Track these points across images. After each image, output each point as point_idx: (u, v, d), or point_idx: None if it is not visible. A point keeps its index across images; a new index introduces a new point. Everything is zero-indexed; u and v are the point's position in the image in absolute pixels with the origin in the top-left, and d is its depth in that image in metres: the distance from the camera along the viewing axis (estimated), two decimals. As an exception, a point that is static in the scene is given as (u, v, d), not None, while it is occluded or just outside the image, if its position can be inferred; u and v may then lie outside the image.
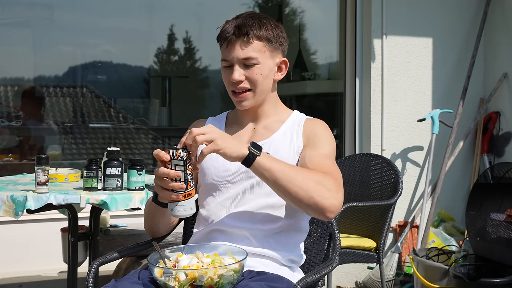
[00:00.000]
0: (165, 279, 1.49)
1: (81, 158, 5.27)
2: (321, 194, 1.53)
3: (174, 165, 1.50)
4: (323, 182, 1.54)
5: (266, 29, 1.72)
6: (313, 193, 1.52)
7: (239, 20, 1.72)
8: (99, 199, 2.35)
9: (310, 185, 1.53)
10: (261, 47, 1.71)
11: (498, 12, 4.26)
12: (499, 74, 4.21)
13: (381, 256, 3.03)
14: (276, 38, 1.74)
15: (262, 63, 1.72)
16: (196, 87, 6.21)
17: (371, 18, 4.08)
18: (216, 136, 1.50)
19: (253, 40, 1.70)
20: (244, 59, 1.70)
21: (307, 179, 1.54)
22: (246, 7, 5.63)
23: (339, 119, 4.41)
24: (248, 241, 1.69)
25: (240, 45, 1.70)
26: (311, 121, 1.79)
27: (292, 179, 1.52)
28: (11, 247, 3.72)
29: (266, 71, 1.73)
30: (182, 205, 1.53)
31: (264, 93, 1.76)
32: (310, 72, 5.63)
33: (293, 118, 1.81)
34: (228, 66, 1.73)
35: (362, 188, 3.24)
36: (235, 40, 1.70)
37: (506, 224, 3.30)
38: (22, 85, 5.20)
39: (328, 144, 1.71)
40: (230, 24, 1.72)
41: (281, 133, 1.77)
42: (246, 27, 1.69)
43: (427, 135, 4.23)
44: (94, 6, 5.24)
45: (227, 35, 1.70)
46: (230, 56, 1.71)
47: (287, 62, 1.81)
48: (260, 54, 1.71)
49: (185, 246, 1.68)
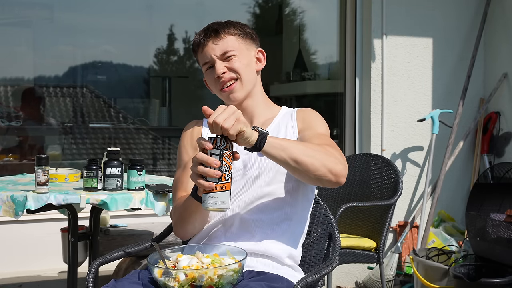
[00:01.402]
0: (164, 279, 1.49)
1: (81, 158, 5.27)
2: (333, 161, 1.58)
3: (211, 153, 1.46)
4: (330, 151, 1.61)
5: (234, 27, 1.80)
6: (326, 161, 1.57)
7: (206, 27, 1.80)
8: (99, 199, 2.35)
9: (321, 155, 1.58)
10: (234, 40, 1.78)
11: (498, 12, 4.26)
12: (499, 74, 4.21)
13: (381, 256, 3.03)
14: (246, 34, 1.81)
15: (239, 54, 1.77)
16: (196, 87, 6.21)
17: (371, 18, 4.08)
18: (238, 114, 1.46)
19: (224, 36, 1.77)
20: (222, 54, 1.76)
21: (316, 150, 1.59)
22: (246, 7, 5.64)
23: (339, 119, 4.41)
24: (249, 235, 1.69)
25: (213, 43, 1.76)
26: (302, 110, 1.86)
27: (306, 152, 1.56)
28: (11, 247, 3.72)
29: (245, 60, 1.78)
30: (213, 197, 1.46)
31: (250, 83, 1.80)
32: (310, 72, 5.64)
33: (284, 111, 1.87)
34: (209, 68, 1.79)
35: (362, 188, 3.24)
36: (207, 40, 1.77)
37: (506, 224, 3.31)
38: (22, 85, 5.21)
39: (322, 124, 1.80)
40: (200, 33, 1.80)
41: (274, 125, 1.82)
42: (214, 27, 1.78)
43: (427, 135, 4.23)
44: (94, 6, 5.24)
45: (199, 40, 1.78)
46: (207, 56, 1.77)
47: (263, 52, 1.86)
48: (235, 46, 1.77)
49: (185, 246, 1.68)
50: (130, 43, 5.73)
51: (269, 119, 1.84)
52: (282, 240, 1.71)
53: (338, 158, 1.61)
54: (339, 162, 1.60)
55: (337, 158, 1.60)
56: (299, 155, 1.54)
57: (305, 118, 1.81)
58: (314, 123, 1.79)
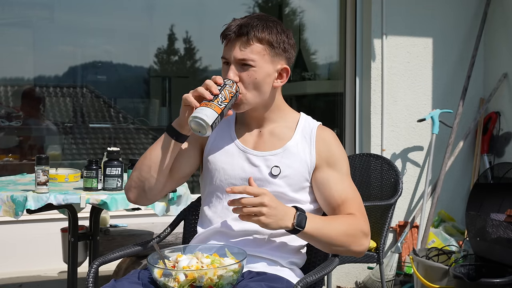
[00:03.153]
0: (164, 279, 1.49)
1: (81, 158, 5.26)
2: (356, 244, 1.66)
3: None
4: (355, 232, 1.65)
5: (269, 32, 1.67)
6: (350, 246, 1.65)
7: (244, 20, 1.68)
8: (99, 199, 2.35)
9: (346, 239, 1.64)
10: (261, 50, 1.66)
11: (498, 12, 4.25)
12: (499, 74, 4.21)
13: (381, 256, 3.03)
14: (279, 43, 1.68)
15: (259, 67, 1.66)
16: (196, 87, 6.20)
17: (371, 18, 4.08)
18: (265, 212, 1.51)
19: (253, 42, 1.65)
20: (240, 60, 1.66)
21: (342, 235, 1.63)
22: (246, 7, 5.63)
23: (339, 119, 4.41)
24: (252, 245, 1.68)
25: (239, 45, 1.66)
26: (322, 135, 1.75)
27: (332, 239, 1.63)
28: (11, 247, 3.72)
29: (262, 75, 1.67)
30: (200, 109, 1.58)
31: (259, 98, 1.69)
32: (310, 72, 5.63)
33: (302, 126, 1.77)
34: (225, 63, 1.71)
35: (362, 188, 3.24)
36: (235, 39, 1.66)
37: (506, 224, 3.30)
38: (22, 85, 5.20)
39: (344, 162, 1.76)
40: (235, 23, 1.68)
41: (292, 144, 1.73)
42: (248, 28, 1.65)
43: (427, 135, 4.23)
44: (95, 6, 5.24)
45: (228, 33, 1.67)
46: (228, 54, 1.68)
47: (288, 70, 1.73)
48: (258, 57, 1.66)
49: (185, 246, 1.68)
50: (130, 43, 5.72)
51: (285, 129, 1.76)
52: (285, 251, 1.71)
53: (362, 238, 1.66)
54: (362, 242, 1.66)
55: (361, 238, 1.66)
56: (324, 244, 1.65)
57: (327, 154, 1.73)
58: (337, 162, 1.73)
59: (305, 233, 1.57)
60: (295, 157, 1.71)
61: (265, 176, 1.69)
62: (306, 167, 1.71)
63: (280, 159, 1.70)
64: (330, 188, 1.70)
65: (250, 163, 1.71)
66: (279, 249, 1.70)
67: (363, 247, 1.67)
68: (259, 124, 1.78)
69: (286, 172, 1.69)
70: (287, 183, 1.69)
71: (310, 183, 1.72)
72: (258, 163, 1.71)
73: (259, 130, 1.78)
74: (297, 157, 1.71)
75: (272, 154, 1.71)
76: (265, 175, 1.68)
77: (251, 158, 1.72)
